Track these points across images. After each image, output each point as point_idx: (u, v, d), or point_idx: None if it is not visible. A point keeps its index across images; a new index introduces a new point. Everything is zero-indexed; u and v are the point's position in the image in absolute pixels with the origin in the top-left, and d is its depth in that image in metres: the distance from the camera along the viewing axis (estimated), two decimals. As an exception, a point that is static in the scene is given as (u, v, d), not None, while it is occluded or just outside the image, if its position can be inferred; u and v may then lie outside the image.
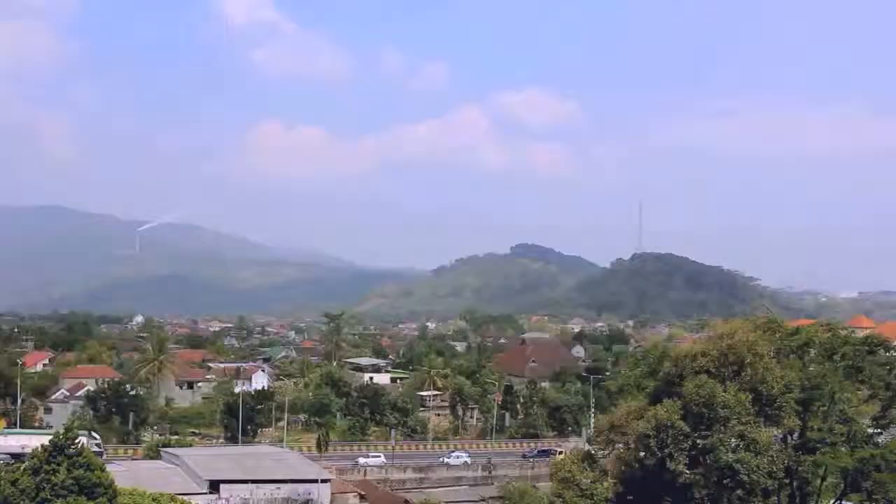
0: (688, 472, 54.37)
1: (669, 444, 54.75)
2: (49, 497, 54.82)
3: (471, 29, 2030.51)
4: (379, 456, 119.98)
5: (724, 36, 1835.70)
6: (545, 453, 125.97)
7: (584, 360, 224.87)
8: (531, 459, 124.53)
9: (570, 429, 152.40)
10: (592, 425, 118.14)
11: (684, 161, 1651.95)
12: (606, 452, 64.75)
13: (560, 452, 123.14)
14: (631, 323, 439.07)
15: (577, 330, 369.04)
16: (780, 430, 59.51)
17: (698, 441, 54.97)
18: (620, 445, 62.14)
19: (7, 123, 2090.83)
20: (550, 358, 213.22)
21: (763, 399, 56.41)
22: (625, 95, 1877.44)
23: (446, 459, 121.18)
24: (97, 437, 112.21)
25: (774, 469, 54.55)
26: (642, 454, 57.72)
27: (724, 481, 54.26)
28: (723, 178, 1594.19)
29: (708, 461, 54.59)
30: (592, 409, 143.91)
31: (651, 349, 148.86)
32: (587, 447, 74.42)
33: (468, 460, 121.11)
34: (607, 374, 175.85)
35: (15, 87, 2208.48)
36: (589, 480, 61.38)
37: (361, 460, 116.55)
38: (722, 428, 54.61)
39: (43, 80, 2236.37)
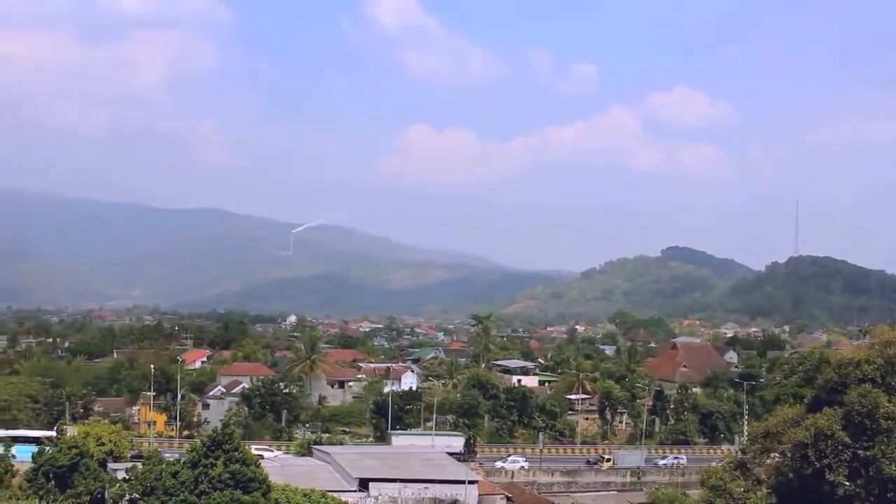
0: (848, 483, 52.36)
1: (829, 455, 52.84)
2: (207, 490, 56.56)
3: (618, 29, 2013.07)
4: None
5: (872, 33, 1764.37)
6: (599, 459, 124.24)
7: (736, 366, 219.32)
8: (594, 465, 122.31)
9: (721, 436, 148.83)
10: (745, 433, 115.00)
11: (839, 161, 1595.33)
12: (760, 461, 62.90)
13: (608, 460, 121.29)
14: (787, 328, 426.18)
15: (729, 335, 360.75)
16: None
17: (860, 452, 52.85)
18: (775, 454, 60.27)
19: (167, 131, 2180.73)
20: (702, 363, 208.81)
21: (930, 410, 53.83)
22: (776, 95, 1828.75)
23: (501, 464, 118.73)
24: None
25: (942, 484, 51.99)
26: (799, 464, 55.77)
27: (888, 495, 52.03)
28: (878, 179, 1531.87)
29: (870, 473, 52.41)
30: (745, 416, 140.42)
31: (808, 356, 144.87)
32: (740, 455, 72.44)
33: (525, 465, 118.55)
34: (761, 380, 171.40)
35: (174, 96, 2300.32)
36: (742, 489, 59.74)
37: None
38: (885, 440, 52.38)
39: (200, 89, 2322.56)
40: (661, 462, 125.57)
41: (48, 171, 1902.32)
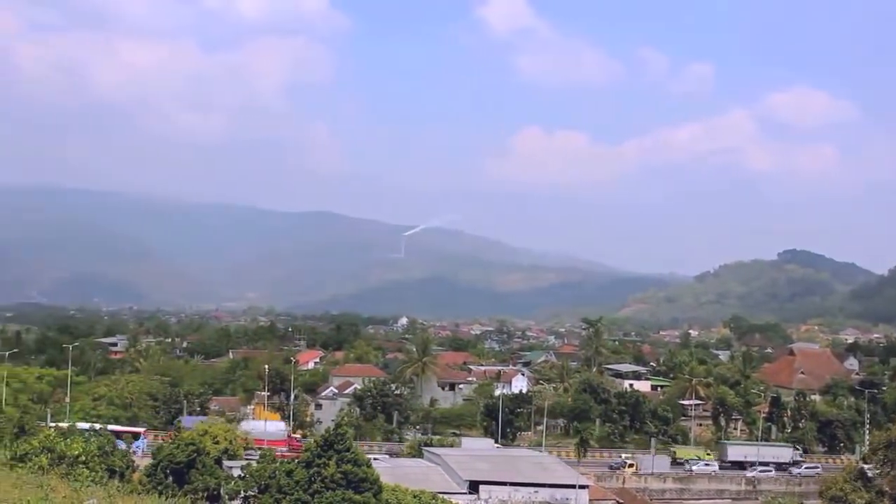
0: (977, 497, 50.29)
1: (956, 466, 50.84)
2: (320, 489, 57.40)
3: (735, 28, 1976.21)
4: None
5: None
6: (622, 464, 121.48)
7: (857, 373, 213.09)
8: (616, 469, 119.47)
9: (841, 445, 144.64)
10: (867, 442, 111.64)
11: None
12: (883, 472, 60.93)
13: (631, 465, 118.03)
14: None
15: (850, 341, 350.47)
16: None
17: None
18: (899, 465, 58.30)
19: (281, 136, 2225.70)
20: (821, 370, 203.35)
21: None
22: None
23: None
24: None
25: None
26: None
27: None
28: None
29: None
30: (867, 425, 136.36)
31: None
32: (861, 465, 70.22)
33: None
34: (884, 388, 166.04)
35: (289, 102, 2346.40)
36: (863, 501, 57.93)
37: None
38: None
39: (313, 94, 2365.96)
40: (695, 467, 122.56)
41: (169, 176, 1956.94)
